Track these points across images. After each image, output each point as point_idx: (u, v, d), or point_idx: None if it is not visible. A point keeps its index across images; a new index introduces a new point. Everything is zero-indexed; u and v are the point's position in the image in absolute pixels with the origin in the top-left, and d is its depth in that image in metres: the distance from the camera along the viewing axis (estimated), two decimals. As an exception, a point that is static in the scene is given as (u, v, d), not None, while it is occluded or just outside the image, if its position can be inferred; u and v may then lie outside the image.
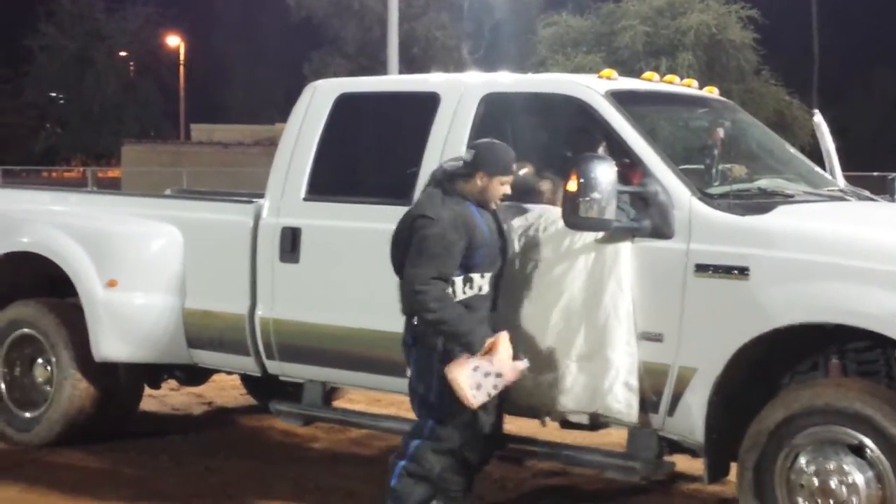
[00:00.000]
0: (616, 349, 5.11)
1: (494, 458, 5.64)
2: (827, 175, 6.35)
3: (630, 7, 29.53)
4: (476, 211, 5.07)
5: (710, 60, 29.01)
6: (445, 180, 5.13)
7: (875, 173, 22.36)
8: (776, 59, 31.52)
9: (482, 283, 5.11)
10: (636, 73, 5.97)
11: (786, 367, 5.16)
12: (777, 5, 33.22)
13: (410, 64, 32.61)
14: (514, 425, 5.91)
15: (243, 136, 36.85)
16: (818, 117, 6.71)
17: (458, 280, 5.04)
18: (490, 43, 35.74)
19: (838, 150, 6.60)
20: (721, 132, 5.98)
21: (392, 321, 5.76)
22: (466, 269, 5.05)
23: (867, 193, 6.09)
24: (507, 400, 5.26)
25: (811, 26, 42.30)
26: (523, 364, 5.00)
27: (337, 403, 7.82)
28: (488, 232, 5.08)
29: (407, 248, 5.04)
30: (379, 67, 27.60)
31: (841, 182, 6.36)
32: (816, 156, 6.63)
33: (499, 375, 4.90)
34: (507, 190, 5.13)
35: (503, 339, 4.95)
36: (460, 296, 5.05)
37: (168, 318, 6.60)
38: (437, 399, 5.08)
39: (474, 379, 4.88)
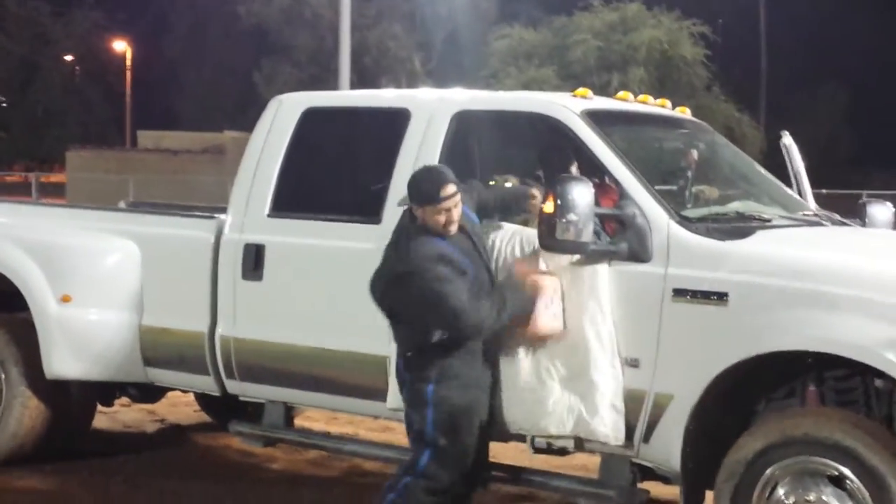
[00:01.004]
0: (601, 371, 4.99)
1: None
2: (798, 197, 6.30)
3: (582, 21, 29.73)
4: (445, 243, 4.88)
5: (661, 76, 29.26)
6: (409, 219, 4.99)
7: (824, 190, 22.62)
8: (726, 76, 31.85)
9: None
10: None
11: (761, 394, 5.07)
12: (727, 22, 33.54)
13: (362, 74, 32.45)
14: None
15: (191, 143, 36.46)
16: (787, 139, 6.64)
17: None
18: (442, 54, 35.70)
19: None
20: (695, 154, 5.91)
21: (358, 341, 5.66)
22: None
23: (839, 217, 6.04)
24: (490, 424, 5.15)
25: (760, 43, 42.80)
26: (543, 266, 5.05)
27: (295, 421, 7.64)
28: (468, 260, 4.93)
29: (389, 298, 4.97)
30: (330, 76, 27.44)
31: (812, 205, 6.31)
32: (773, 173, 6.56)
33: (554, 291, 4.96)
34: (449, 217, 4.84)
35: (519, 269, 5.01)
36: None
37: (124, 335, 6.40)
38: (431, 429, 4.94)
39: (550, 312, 4.95)
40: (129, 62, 50.82)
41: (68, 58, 50.03)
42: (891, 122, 41.79)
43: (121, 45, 50.75)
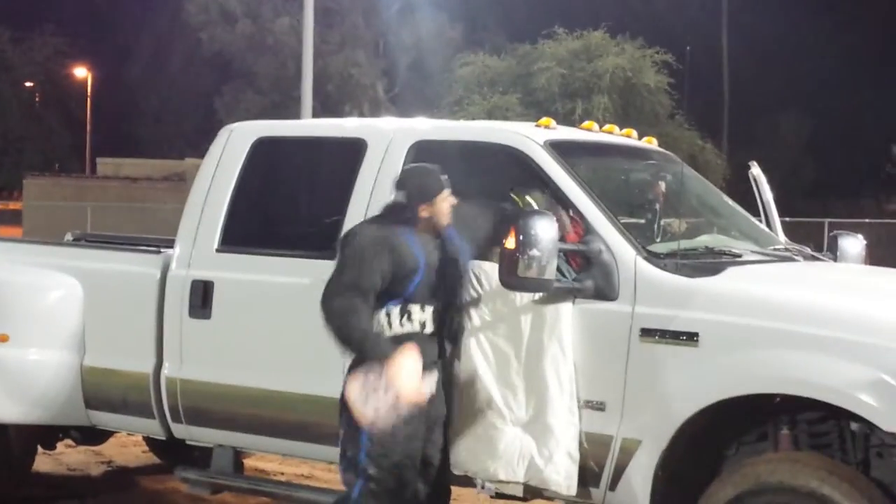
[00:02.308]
0: (557, 416, 4.79)
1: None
2: (768, 230, 6.11)
3: (546, 49, 29.61)
4: (411, 236, 4.77)
5: (625, 104, 29.17)
6: (386, 213, 4.92)
7: (786, 218, 22.59)
8: (690, 104, 31.91)
9: (423, 317, 4.79)
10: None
11: (732, 438, 4.85)
12: (690, 51, 33.67)
13: (325, 100, 32.21)
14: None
15: (152, 170, 36.03)
16: (756, 169, 6.45)
17: (395, 310, 4.75)
18: (406, 81, 35.53)
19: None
20: (663, 186, 5.70)
21: (311, 383, 5.39)
22: (403, 298, 4.74)
23: (810, 251, 5.85)
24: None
25: (722, 71, 43.05)
26: (428, 386, 4.67)
27: (248, 462, 7.36)
28: (423, 259, 4.76)
29: None
30: (292, 103, 27.19)
31: (781, 237, 6.13)
32: (736, 201, 6.38)
33: (390, 387, 4.50)
34: (452, 200, 4.87)
35: (405, 351, 4.59)
36: (397, 328, 4.75)
37: (64, 376, 6.09)
38: (364, 458, 4.73)
39: (364, 390, 4.54)
40: (89, 89, 50.32)
41: (28, 84, 49.45)
42: (852, 151, 42.13)
43: (81, 72, 50.25)
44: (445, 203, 4.84)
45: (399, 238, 4.75)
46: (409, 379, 4.54)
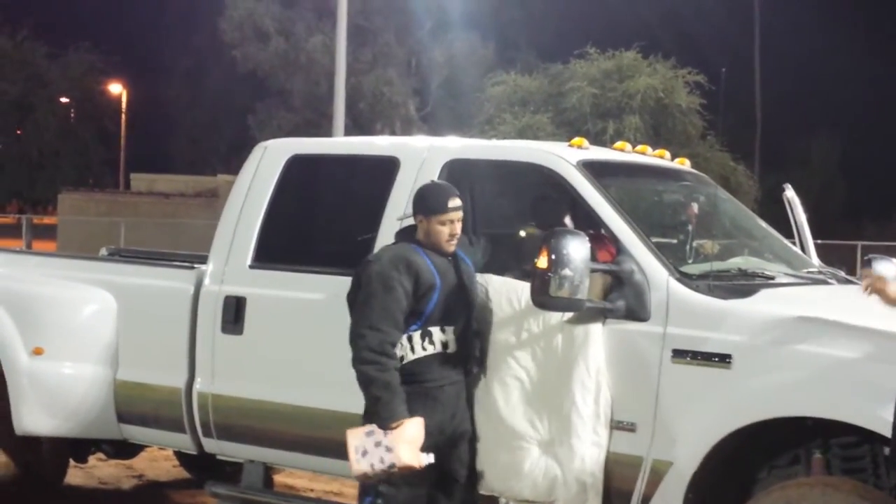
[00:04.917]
0: (582, 438, 4.77)
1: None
2: (801, 253, 6.09)
3: (578, 69, 29.60)
4: (423, 254, 4.81)
5: (656, 124, 29.11)
6: (404, 230, 5.00)
7: (818, 241, 22.42)
8: (722, 125, 31.79)
9: (445, 338, 4.80)
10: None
11: (764, 461, 4.82)
12: (725, 72, 33.59)
13: (357, 118, 32.35)
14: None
15: (185, 186, 36.27)
16: (790, 192, 6.44)
17: (416, 335, 4.76)
18: (437, 100, 35.63)
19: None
20: (695, 207, 5.68)
21: (342, 400, 5.39)
22: (423, 320, 4.75)
23: (843, 274, 5.82)
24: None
25: (755, 92, 42.90)
26: (426, 458, 4.64)
27: (278, 478, 7.38)
28: (439, 277, 4.78)
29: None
30: (324, 121, 27.30)
31: (815, 260, 6.10)
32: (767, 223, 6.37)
33: (389, 450, 4.55)
34: (453, 229, 4.84)
35: (413, 422, 4.63)
36: (420, 352, 4.76)
37: (98, 390, 6.14)
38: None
39: (363, 443, 4.61)
40: (124, 105, 50.76)
41: (63, 100, 49.94)
42: (884, 172, 41.83)
43: (116, 88, 50.70)
44: (444, 228, 4.83)
45: (413, 254, 4.80)
46: (408, 448, 4.57)
